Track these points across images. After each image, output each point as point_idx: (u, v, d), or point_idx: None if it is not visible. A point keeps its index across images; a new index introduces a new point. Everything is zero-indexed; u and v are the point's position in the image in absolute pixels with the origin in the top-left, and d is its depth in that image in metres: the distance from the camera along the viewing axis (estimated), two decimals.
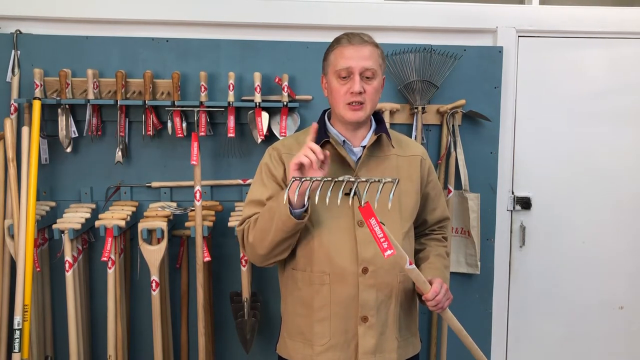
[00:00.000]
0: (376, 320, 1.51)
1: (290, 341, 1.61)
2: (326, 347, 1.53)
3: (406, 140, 1.70)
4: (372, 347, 1.51)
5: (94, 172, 2.37)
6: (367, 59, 1.49)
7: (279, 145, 1.63)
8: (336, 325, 1.52)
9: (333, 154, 1.54)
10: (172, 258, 2.40)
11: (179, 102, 2.25)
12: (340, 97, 1.51)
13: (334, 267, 1.50)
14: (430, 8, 2.49)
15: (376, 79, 1.52)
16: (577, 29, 2.54)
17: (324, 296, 1.52)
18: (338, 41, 1.54)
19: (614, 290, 2.69)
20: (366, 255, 1.49)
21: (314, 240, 1.51)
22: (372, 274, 1.50)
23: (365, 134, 1.59)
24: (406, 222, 1.57)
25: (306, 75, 2.39)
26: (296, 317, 1.59)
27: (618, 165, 2.63)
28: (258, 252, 1.52)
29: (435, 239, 1.72)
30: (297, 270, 1.56)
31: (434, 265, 1.61)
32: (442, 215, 1.73)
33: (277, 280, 2.44)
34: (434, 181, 1.69)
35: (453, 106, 2.40)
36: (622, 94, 2.61)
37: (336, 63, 1.52)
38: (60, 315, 2.35)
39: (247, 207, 1.58)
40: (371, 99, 1.52)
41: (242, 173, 2.42)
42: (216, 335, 2.46)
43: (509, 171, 2.59)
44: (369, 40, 1.53)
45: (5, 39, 2.29)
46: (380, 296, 1.52)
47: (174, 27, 2.41)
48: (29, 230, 2.08)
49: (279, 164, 1.58)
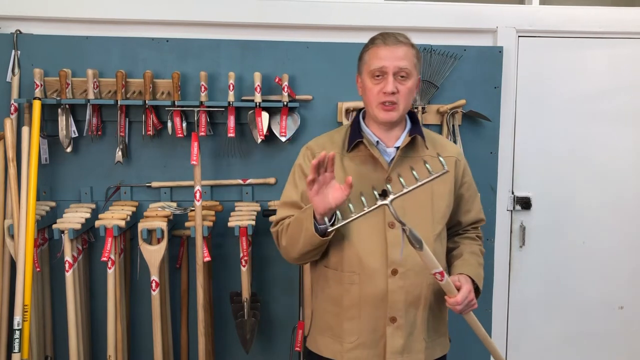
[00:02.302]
0: (405, 321, 1.52)
1: (319, 336, 1.62)
2: (355, 344, 1.54)
3: (441, 140, 1.68)
4: (400, 347, 1.52)
5: (94, 172, 2.37)
6: (402, 59, 1.48)
7: (313, 144, 1.63)
8: (365, 324, 1.53)
9: (366, 155, 1.55)
10: (172, 258, 2.40)
11: (179, 102, 2.25)
12: (373, 96, 1.51)
13: (364, 268, 1.51)
14: (430, 8, 2.49)
15: (410, 79, 1.51)
16: (577, 29, 2.54)
17: (354, 295, 1.53)
18: (373, 41, 1.53)
19: (614, 290, 2.69)
20: (396, 256, 1.49)
21: (345, 240, 1.52)
22: (402, 276, 1.50)
23: (400, 135, 1.57)
24: (438, 224, 1.56)
25: (306, 75, 2.39)
26: (326, 314, 1.60)
27: (618, 165, 2.63)
28: (291, 255, 1.55)
29: (469, 237, 1.70)
30: (329, 268, 1.57)
31: (468, 262, 1.60)
32: (477, 217, 1.71)
33: (277, 280, 2.46)
34: (468, 182, 1.66)
35: (453, 106, 2.40)
36: (622, 94, 2.61)
37: (370, 63, 1.51)
38: (60, 315, 2.35)
39: (281, 208, 1.60)
40: (404, 99, 1.51)
41: (242, 173, 2.42)
42: (216, 335, 2.46)
43: (509, 171, 2.59)
44: (404, 40, 1.52)
45: (5, 39, 2.29)
46: (409, 298, 1.52)
47: (174, 27, 2.41)
48: (29, 230, 2.08)
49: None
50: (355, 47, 2.38)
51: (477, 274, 1.58)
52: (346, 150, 1.57)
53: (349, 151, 1.57)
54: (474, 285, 1.55)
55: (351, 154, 1.57)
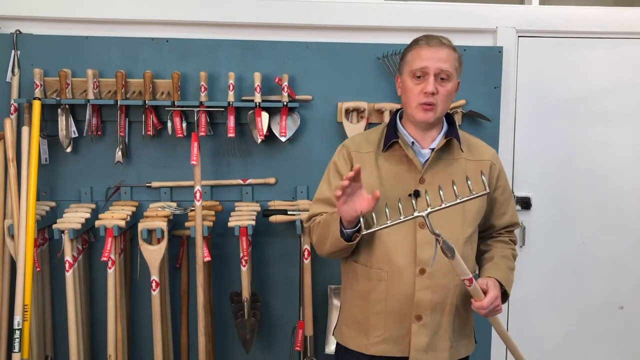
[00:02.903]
0: (430, 320, 1.54)
1: (346, 329, 1.65)
2: (381, 339, 1.57)
3: (477, 143, 1.68)
4: (424, 345, 1.54)
5: (94, 172, 2.37)
6: (444, 61, 1.50)
7: (349, 143, 1.66)
8: (391, 320, 1.56)
9: (401, 155, 1.57)
10: (172, 258, 2.40)
11: (179, 102, 2.25)
12: (413, 96, 1.52)
13: (392, 266, 1.53)
14: (430, 8, 2.48)
15: (451, 81, 1.52)
16: (577, 29, 2.54)
17: (381, 292, 1.55)
18: (417, 42, 1.55)
19: (614, 290, 2.69)
20: (425, 256, 1.50)
21: (375, 237, 1.54)
22: (429, 276, 1.51)
23: (436, 136, 1.59)
24: (469, 227, 1.56)
25: (306, 75, 2.39)
26: (353, 308, 1.63)
27: (618, 165, 2.63)
28: (321, 251, 1.59)
29: (502, 241, 1.70)
30: (358, 263, 1.59)
31: (498, 266, 1.60)
32: (511, 220, 1.70)
33: (277, 280, 2.46)
34: (503, 186, 1.66)
35: (453, 106, 2.40)
36: (622, 94, 2.60)
37: (412, 63, 1.52)
38: (60, 315, 2.35)
39: (314, 204, 1.64)
40: (443, 100, 1.52)
41: (242, 173, 2.42)
42: (216, 335, 2.46)
43: (509, 171, 2.59)
44: (447, 43, 1.53)
45: (5, 39, 2.29)
46: (436, 297, 1.53)
47: (174, 27, 2.41)
48: (29, 230, 2.08)
49: (347, 162, 1.61)
50: (355, 47, 2.40)
51: (507, 279, 1.58)
52: (381, 149, 1.59)
53: (384, 150, 1.58)
54: (502, 289, 1.56)
55: (386, 153, 1.58)
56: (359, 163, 1.55)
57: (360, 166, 1.40)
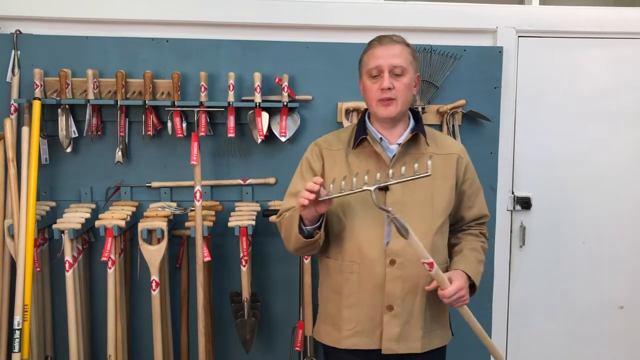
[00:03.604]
0: (402, 309, 1.58)
1: (322, 324, 1.71)
2: (353, 332, 1.61)
3: (444, 138, 1.73)
4: (396, 335, 1.58)
5: (94, 172, 2.37)
6: (396, 57, 1.56)
7: (321, 141, 1.71)
8: (363, 312, 1.59)
9: (370, 151, 1.62)
10: (172, 258, 2.40)
11: (179, 102, 2.25)
12: (372, 94, 1.58)
13: (363, 258, 1.57)
14: (430, 8, 2.49)
15: (406, 75, 1.57)
16: (577, 29, 2.54)
17: (353, 284, 1.60)
18: (369, 44, 1.62)
19: (614, 290, 2.69)
20: (395, 247, 1.55)
21: (346, 230, 1.59)
22: (400, 266, 1.56)
23: (402, 132, 1.64)
24: (438, 218, 1.61)
25: (306, 75, 2.39)
26: (328, 303, 1.68)
27: (618, 165, 2.63)
28: (288, 247, 1.63)
29: (472, 234, 1.74)
30: (330, 258, 1.65)
31: (467, 258, 1.65)
32: (480, 212, 1.75)
33: (277, 280, 2.47)
34: (471, 179, 1.71)
35: (453, 106, 2.40)
36: (622, 94, 2.61)
37: (368, 63, 1.59)
38: (60, 315, 2.35)
39: (286, 199, 1.67)
40: (402, 94, 1.57)
41: (242, 173, 2.42)
42: (216, 335, 2.46)
43: (509, 171, 2.59)
44: (399, 39, 1.60)
45: (5, 39, 2.29)
46: (407, 287, 1.57)
47: (174, 27, 2.41)
48: (29, 230, 2.08)
49: (319, 159, 1.66)
50: (355, 47, 2.39)
51: (475, 271, 1.63)
52: (352, 147, 1.64)
53: (354, 147, 1.63)
54: (471, 281, 1.60)
55: (356, 150, 1.63)
56: (330, 160, 1.63)
57: (322, 179, 1.44)
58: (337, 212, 1.60)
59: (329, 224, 1.62)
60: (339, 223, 1.60)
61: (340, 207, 1.60)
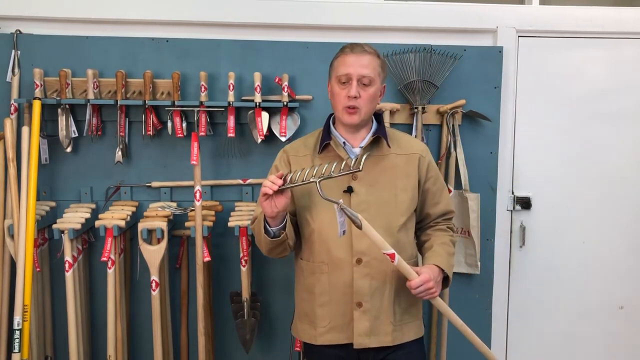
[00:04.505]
0: (371, 305, 1.66)
1: (299, 322, 1.80)
2: (327, 328, 1.70)
3: (406, 139, 1.80)
4: (367, 330, 1.66)
5: (94, 172, 2.37)
6: (365, 67, 1.63)
7: (288, 148, 1.79)
8: (335, 309, 1.68)
9: (334, 155, 1.69)
10: (172, 258, 2.40)
11: (179, 102, 2.26)
12: (339, 100, 1.65)
13: (332, 258, 1.67)
14: (430, 8, 2.49)
15: (373, 86, 1.65)
16: (577, 29, 2.54)
17: (324, 284, 1.69)
18: (342, 50, 1.68)
19: (614, 290, 2.69)
20: (360, 247, 1.64)
21: (314, 233, 1.68)
22: (366, 264, 1.65)
23: (365, 136, 1.72)
24: (402, 216, 1.69)
25: (306, 75, 2.39)
26: (303, 302, 1.77)
27: (618, 165, 2.63)
28: (262, 250, 1.72)
29: (440, 229, 1.81)
30: (303, 259, 1.75)
31: (438, 253, 1.71)
32: (446, 208, 1.81)
33: (277, 280, 2.47)
34: (434, 177, 1.77)
35: (453, 106, 2.40)
36: (622, 94, 2.61)
37: (338, 69, 1.66)
38: (60, 315, 2.35)
39: (257, 206, 1.70)
40: (366, 104, 1.65)
41: (242, 173, 2.42)
42: (216, 335, 2.46)
43: (509, 171, 2.59)
44: (370, 50, 1.66)
45: (5, 39, 2.29)
46: (374, 284, 1.66)
47: (174, 27, 2.41)
48: (29, 230, 2.08)
49: (286, 165, 1.75)
50: None
51: (446, 263, 1.69)
52: (317, 152, 1.72)
53: (319, 152, 1.72)
54: (444, 274, 1.67)
55: (321, 155, 1.72)
56: (297, 165, 1.70)
57: (283, 173, 1.56)
58: (305, 216, 1.69)
59: (300, 228, 1.73)
60: (307, 226, 1.69)
61: (308, 211, 1.68)
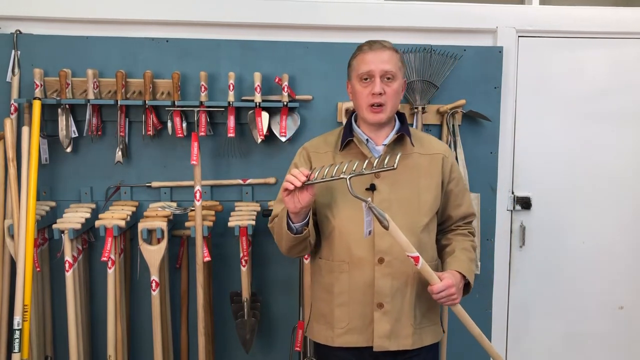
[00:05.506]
0: (391, 307, 1.60)
1: (315, 324, 1.74)
2: (345, 330, 1.64)
3: (429, 139, 1.77)
4: (387, 332, 1.60)
5: (94, 172, 2.37)
6: (387, 63, 1.60)
7: (308, 145, 1.76)
8: (354, 310, 1.63)
9: (357, 152, 1.66)
10: (172, 258, 2.40)
11: (179, 102, 2.26)
12: (363, 99, 1.62)
13: (352, 257, 1.61)
14: (430, 8, 2.49)
15: (396, 81, 1.62)
16: (577, 29, 2.54)
17: (343, 283, 1.63)
18: (360, 48, 1.65)
19: (614, 290, 2.69)
20: (382, 246, 1.59)
21: (335, 231, 1.63)
22: (388, 264, 1.59)
23: (388, 133, 1.68)
24: (425, 216, 1.64)
25: (306, 75, 2.39)
26: (320, 302, 1.71)
27: (618, 165, 2.63)
28: (282, 249, 1.66)
29: (461, 234, 1.77)
30: (322, 259, 1.69)
31: (459, 258, 1.67)
32: (467, 211, 1.78)
33: (277, 280, 2.47)
34: (457, 178, 1.74)
35: (453, 106, 2.40)
36: (622, 94, 2.60)
37: (358, 68, 1.62)
38: (60, 315, 2.35)
39: (276, 204, 1.70)
40: (391, 100, 1.62)
41: (242, 173, 2.42)
42: (216, 335, 2.46)
43: (509, 171, 2.59)
44: (388, 45, 1.64)
45: (5, 39, 2.29)
46: (396, 284, 1.60)
47: (174, 27, 2.41)
48: (29, 230, 2.08)
49: (307, 162, 1.71)
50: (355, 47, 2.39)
51: (468, 269, 1.65)
52: (339, 149, 1.68)
53: (341, 150, 1.68)
54: (466, 280, 1.63)
55: (343, 152, 1.68)
56: (318, 163, 1.67)
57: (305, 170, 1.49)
58: (326, 213, 1.64)
59: (320, 226, 1.68)
60: (328, 224, 1.64)
61: (329, 209, 1.64)
